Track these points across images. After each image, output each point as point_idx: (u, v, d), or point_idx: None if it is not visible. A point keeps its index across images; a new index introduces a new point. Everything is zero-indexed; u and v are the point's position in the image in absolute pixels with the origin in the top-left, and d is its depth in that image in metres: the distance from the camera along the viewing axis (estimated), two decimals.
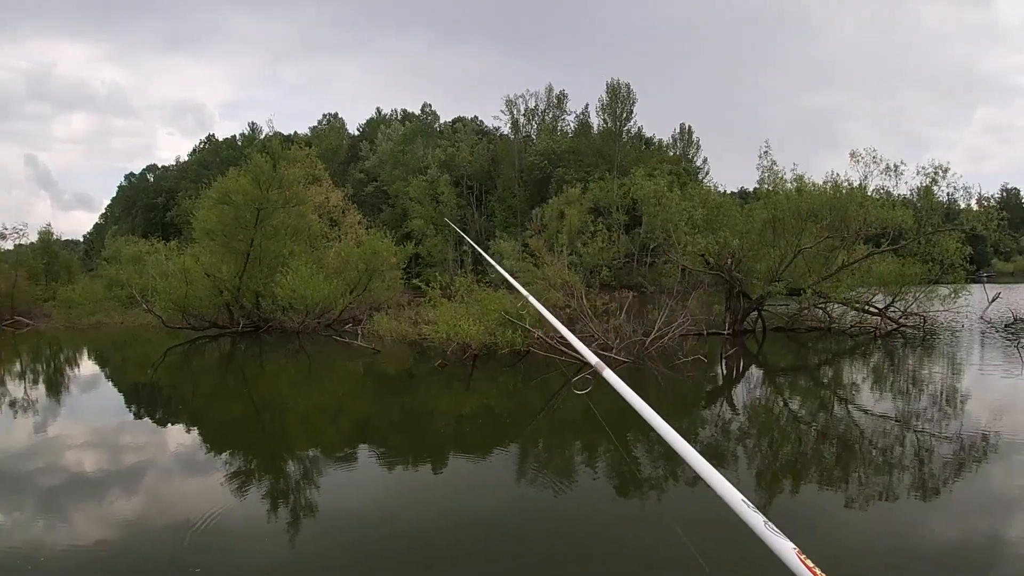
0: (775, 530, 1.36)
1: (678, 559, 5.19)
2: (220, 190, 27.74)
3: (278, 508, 6.97)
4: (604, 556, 5.56)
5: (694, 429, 10.01)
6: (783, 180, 22.44)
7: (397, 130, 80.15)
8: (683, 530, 5.71)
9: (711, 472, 1.69)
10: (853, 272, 21.19)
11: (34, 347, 27.31)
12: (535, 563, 5.47)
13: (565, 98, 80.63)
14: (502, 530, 6.29)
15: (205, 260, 27.01)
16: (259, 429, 11.49)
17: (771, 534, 1.36)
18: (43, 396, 15.26)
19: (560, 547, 5.80)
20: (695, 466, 1.75)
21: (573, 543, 5.89)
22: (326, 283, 25.16)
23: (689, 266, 21.35)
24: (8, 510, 7.03)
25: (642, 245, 47.29)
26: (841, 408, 11.61)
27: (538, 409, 11.87)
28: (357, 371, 17.50)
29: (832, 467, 7.81)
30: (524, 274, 21.12)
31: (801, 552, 1.26)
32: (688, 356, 14.97)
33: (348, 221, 47.21)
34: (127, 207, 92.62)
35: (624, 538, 5.97)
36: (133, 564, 5.53)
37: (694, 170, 73.50)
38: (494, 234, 64.29)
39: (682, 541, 4.91)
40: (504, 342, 15.09)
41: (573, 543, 5.89)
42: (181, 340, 24.74)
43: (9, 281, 38.97)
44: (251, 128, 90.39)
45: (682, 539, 4.82)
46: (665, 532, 5.90)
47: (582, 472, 8.22)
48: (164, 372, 18.67)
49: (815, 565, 1.24)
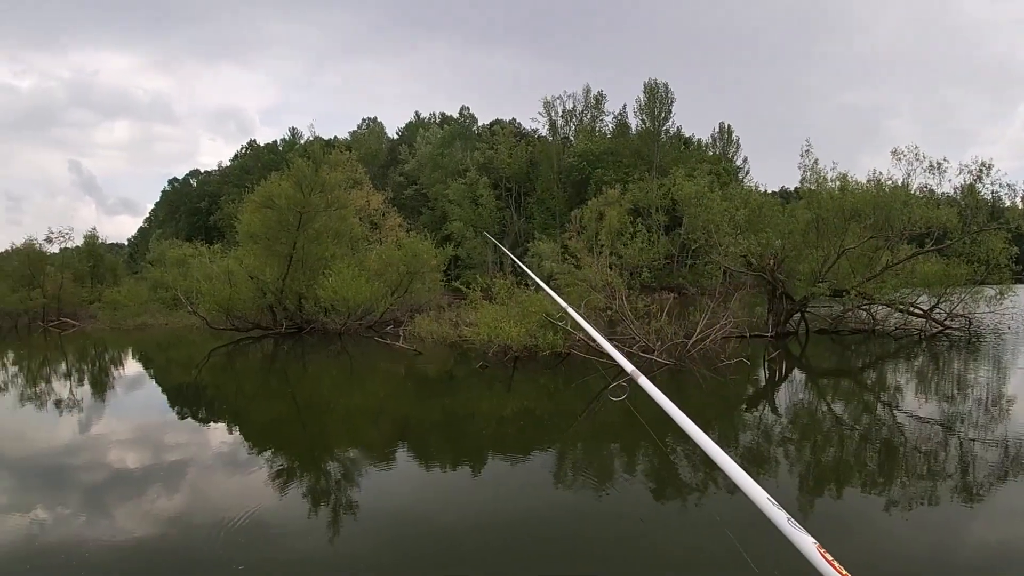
0: (797, 525, 1.43)
1: (721, 562, 5.15)
2: (263, 194, 28.15)
3: (319, 506, 7.05)
4: (645, 560, 5.51)
5: (735, 432, 9.90)
6: (826, 179, 22.10)
7: (436, 133, 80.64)
8: (730, 533, 5.66)
9: (738, 471, 1.78)
10: (897, 273, 20.79)
11: (80, 348, 27.98)
12: (575, 565, 5.44)
13: (603, 99, 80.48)
14: (541, 531, 6.27)
15: (249, 263, 27.46)
16: (301, 429, 11.62)
17: (793, 529, 1.43)
18: (90, 395, 15.62)
19: (597, 549, 5.76)
20: (723, 465, 1.83)
21: (611, 545, 5.83)
22: (368, 285, 25.38)
23: (731, 267, 21.13)
24: (60, 506, 7.19)
25: (682, 246, 47.03)
26: (884, 412, 11.38)
27: (579, 411, 11.81)
28: (399, 372, 17.60)
29: (873, 472, 7.65)
30: (564, 276, 21.10)
31: (821, 547, 1.29)
32: (730, 359, 14.81)
33: (389, 224, 47.63)
34: (171, 211, 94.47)
35: (665, 541, 5.93)
36: (177, 560, 5.63)
37: (734, 170, 72.78)
38: (533, 236, 64.23)
39: (726, 544, 4.85)
40: (545, 344, 15.07)
41: (611, 545, 5.83)
42: (225, 341, 25.17)
43: (56, 284, 40.04)
44: (292, 133, 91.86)
45: (731, 541, 4.75)
46: (705, 535, 5.84)
47: (621, 475, 8.16)
48: (208, 372, 19.00)
49: (834, 559, 1.27)
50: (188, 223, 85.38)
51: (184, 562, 5.58)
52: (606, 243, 21.16)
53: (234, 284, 26.20)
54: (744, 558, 3.57)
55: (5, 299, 38.32)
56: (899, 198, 20.32)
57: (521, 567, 5.48)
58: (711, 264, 22.17)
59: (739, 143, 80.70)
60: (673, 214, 49.69)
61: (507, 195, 75.05)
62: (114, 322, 35.21)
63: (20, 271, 40.91)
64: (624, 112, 78.78)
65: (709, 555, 5.43)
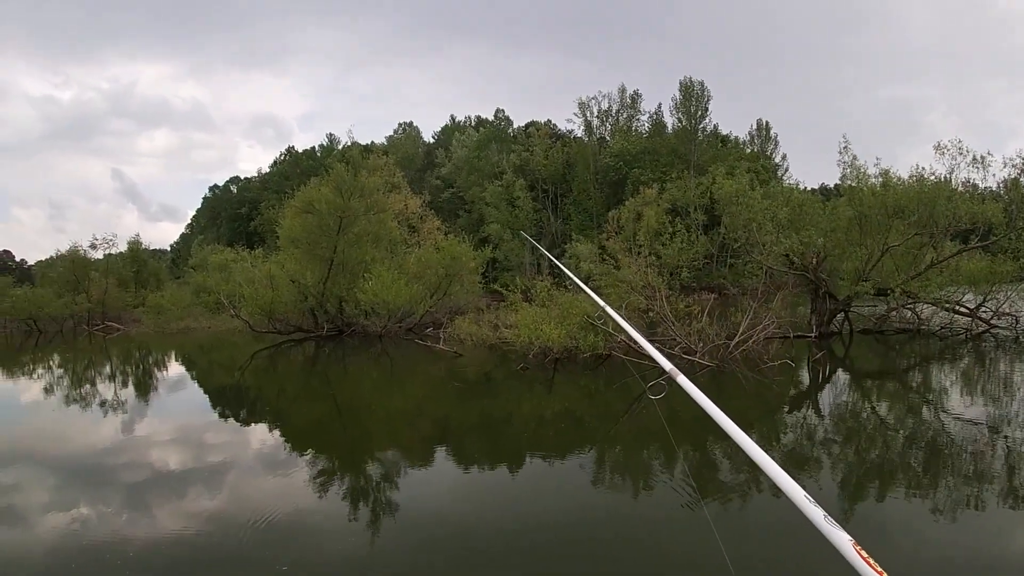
0: (833, 523, 1.45)
1: (759, 570, 5.13)
2: (303, 199, 28.56)
3: (360, 507, 7.15)
4: (681, 565, 5.49)
5: (777, 433, 9.80)
6: (867, 175, 21.72)
7: (471, 136, 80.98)
8: (762, 539, 5.61)
9: (774, 467, 1.82)
10: (941, 271, 20.34)
11: (124, 350, 28.71)
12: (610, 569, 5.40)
13: (639, 98, 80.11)
14: (578, 534, 6.25)
15: (290, 267, 27.83)
16: (342, 430, 11.77)
17: (829, 527, 1.45)
18: (135, 396, 16.12)
19: (632, 554, 5.73)
20: (760, 462, 1.85)
21: (646, 550, 5.81)
22: (407, 288, 25.56)
23: (773, 266, 20.86)
24: (105, 504, 7.36)
25: (721, 245, 46.58)
26: (930, 413, 11.09)
27: (620, 413, 11.75)
28: (439, 374, 17.69)
29: (917, 475, 7.49)
30: (604, 277, 21.01)
31: (858, 544, 1.29)
32: (774, 360, 14.63)
33: (427, 227, 47.95)
34: (212, 217, 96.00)
35: (703, 546, 5.86)
36: (220, 559, 5.74)
37: (773, 167, 71.95)
38: (570, 237, 64.13)
39: (764, 551, 4.81)
40: (586, 346, 15.02)
41: (646, 550, 5.81)
42: (267, 344, 25.54)
43: (100, 289, 40.95)
44: (329, 139, 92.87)
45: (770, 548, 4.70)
46: (741, 543, 5.77)
47: (660, 479, 8.08)
48: (251, 374, 19.31)
49: (870, 556, 1.27)
50: (229, 228, 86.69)
51: (230, 562, 5.68)
52: (644, 243, 20.99)
53: (276, 288, 26.58)
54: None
55: (51, 304, 39.35)
56: (943, 193, 19.91)
57: (558, 570, 5.48)
58: (752, 263, 21.91)
59: (777, 140, 79.78)
60: (712, 213, 49.25)
61: (543, 196, 75.09)
62: (158, 325, 35.99)
63: (65, 276, 42.16)
64: (660, 111, 78.36)
65: (745, 562, 5.36)
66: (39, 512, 7.16)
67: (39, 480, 8.67)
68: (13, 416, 14.26)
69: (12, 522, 6.91)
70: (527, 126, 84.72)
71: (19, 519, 7.01)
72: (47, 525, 6.68)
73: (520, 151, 76.04)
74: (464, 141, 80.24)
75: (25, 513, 7.23)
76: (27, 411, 14.77)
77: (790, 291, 20.94)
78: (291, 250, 29.14)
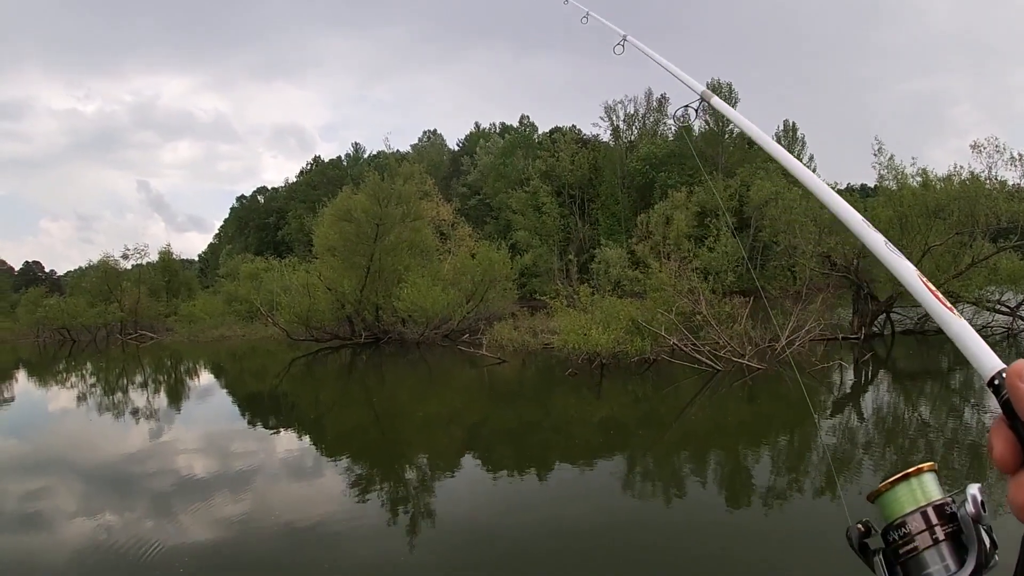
0: (895, 250, 1.31)
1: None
2: (340, 207, 28.72)
3: (398, 511, 7.30)
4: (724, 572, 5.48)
5: (826, 436, 9.77)
6: (906, 175, 21.50)
7: (497, 143, 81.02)
8: (805, 544, 5.57)
9: (827, 191, 1.67)
10: (980, 270, 20.07)
11: (158, 359, 29.10)
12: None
13: (666, 101, 79.67)
14: (629, 539, 6.28)
15: (326, 275, 27.95)
16: (379, 435, 12.04)
17: (891, 254, 1.32)
18: (174, 403, 16.59)
19: (678, 560, 5.78)
20: (812, 187, 1.73)
21: (694, 560, 5.80)
22: (444, 294, 25.64)
23: (814, 267, 20.66)
24: (150, 506, 7.54)
25: (752, 248, 46.20)
26: (972, 415, 11.03)
27: (670, 419, 11.69)
28: (480, 380, 17.72)
29: (960, 476, 7.41)
30: (634, 283, 20.83)
31: (922, 276, 1.19)
32: (821, 362, 14.50)
33: (459, 234, 48.04)
34: (240, 227, 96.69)
35: (751, 554, 5.83)
36: (265, 559, 5.89)
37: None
38: (599, 242, 63.87)
39: (809, 560, 4.81)
40: (634, 350, 14.97)
41: (694, 560, 5.80)
42: (302, 352, 25.70)
43: (132, 298, 41.34)
44: (355, 148, 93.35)
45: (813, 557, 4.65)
46: (786, 550, 5.76)
47: (710, 484, 8.07)
48: (289, 382, 19.47)
49: (936, 288, 1.19)
50: (257, 238, 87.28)
51: (270, 561, 5.84)
52: (674, 248, 20.87)
53: (313, 296, 26.73)
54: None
55: (84, 313, 39.76)
56: (982, 192, 19.65)
57: None
58: (796, 265, 21.71)
59: (804, 140, 79.02)
60: (741, 215, 48.91)
61: (571, 202, 74.83)
62: (192, 334, 36.30)
63: (97, 286, 42.56)
64: (687, 113, 77.82)
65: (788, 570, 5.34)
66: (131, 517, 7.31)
67: (122, 486, 8.88)
68: (81, 426, 14.29)
69: (81, 523, 7.09)
70: (552, 132, 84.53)
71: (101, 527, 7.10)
72: (134, 524, 6.78)
73: (546, 157, 75.90)
74: (489, 148, 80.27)
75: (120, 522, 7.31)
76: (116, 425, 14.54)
77: (830, 293, 20.73)
78: (328, 258, 29.32)
